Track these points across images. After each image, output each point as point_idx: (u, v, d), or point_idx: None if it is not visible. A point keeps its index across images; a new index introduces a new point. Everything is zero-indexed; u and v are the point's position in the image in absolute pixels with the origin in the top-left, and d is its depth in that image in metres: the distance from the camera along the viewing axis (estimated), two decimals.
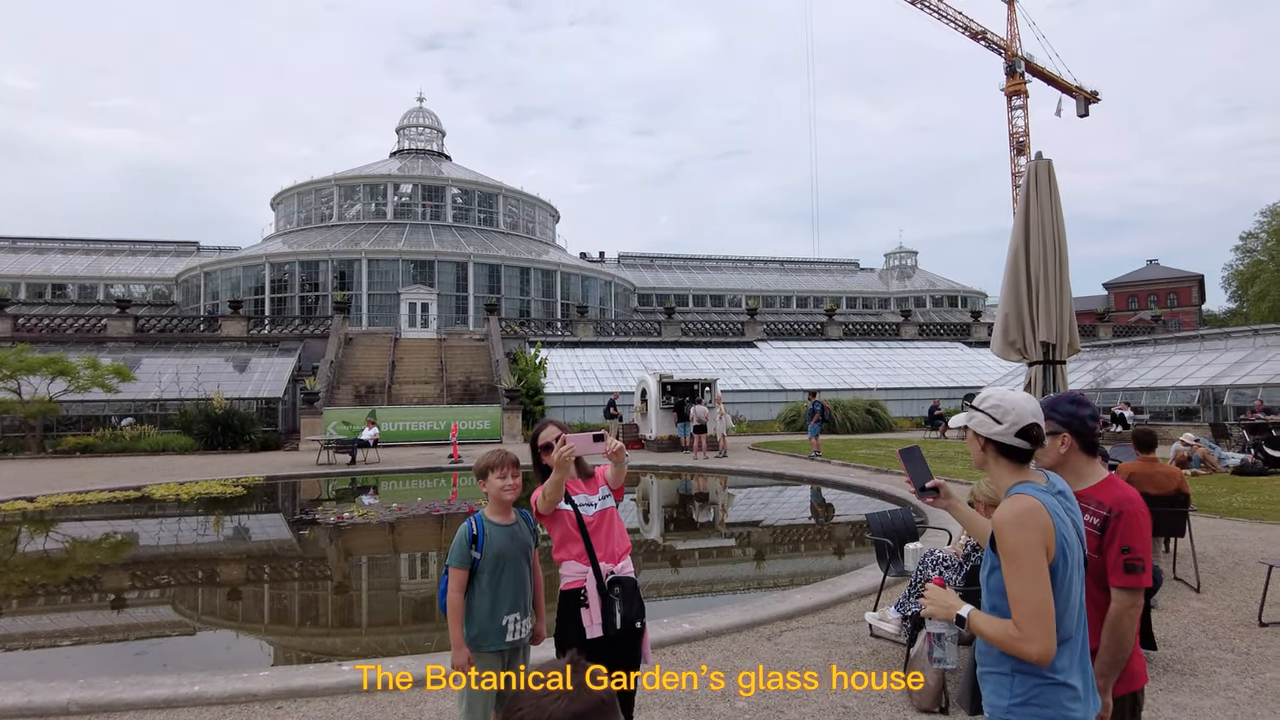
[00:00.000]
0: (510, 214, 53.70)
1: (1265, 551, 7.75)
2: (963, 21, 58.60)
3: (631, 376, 31.94)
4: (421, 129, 56.91)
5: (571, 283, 50.33)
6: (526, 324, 40.89)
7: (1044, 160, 6.23)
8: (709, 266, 66.76)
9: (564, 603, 3.34)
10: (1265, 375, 22.95)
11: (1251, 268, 59.57)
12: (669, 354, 37.92)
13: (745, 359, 38.37)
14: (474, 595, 3.30)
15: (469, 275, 45.76)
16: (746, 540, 11.59)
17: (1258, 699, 4.58)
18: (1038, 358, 5.91)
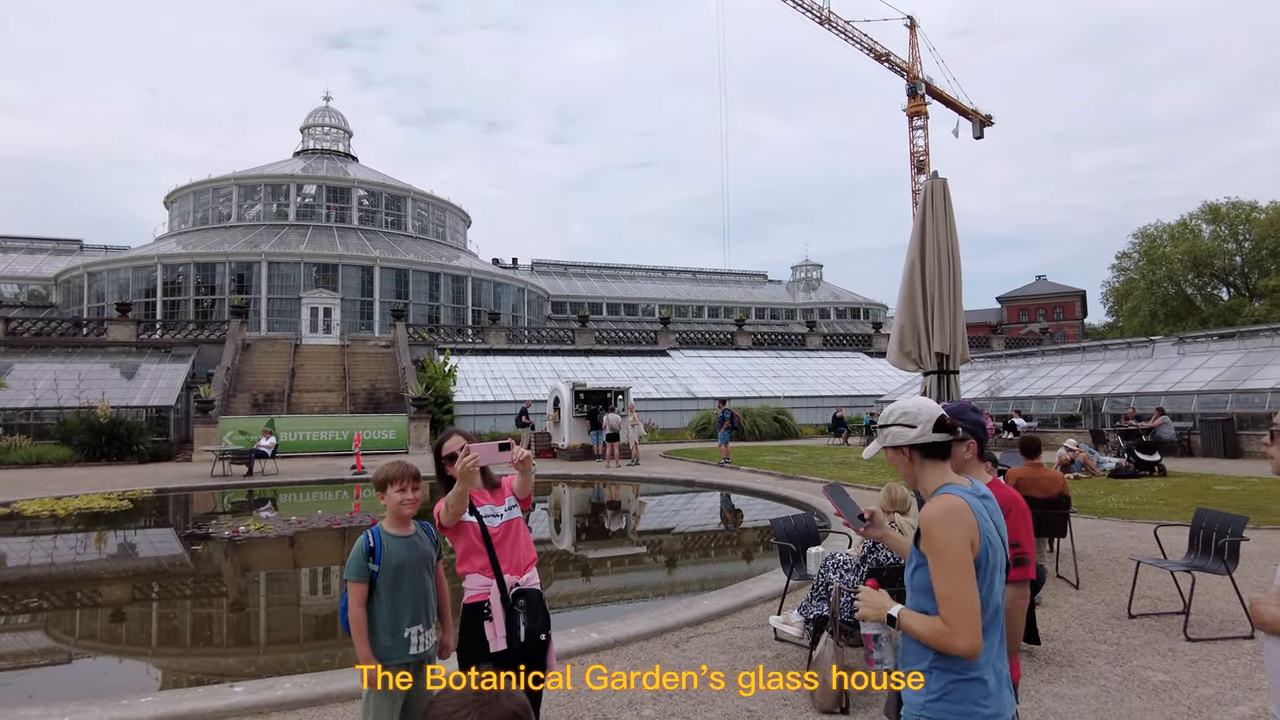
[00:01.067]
0: (419, 218, 52.62)
1: (1135, 549, 8.30)
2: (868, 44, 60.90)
3: (544, 385, 31.75)
4: (327, 129, 55.18)
5: (483, 289, 49.67)
6: (435, 330, 40.12)
7: (940, 179, 6.54)
8: (623, 275, 67.12)
9: (467, 616, 3.28)
10: (1137, 385, 24.65)
11: (1126, 285, 63.86)
12: (583, 362, 37.87)
13: (658, 367, 38.69)
14: (375, 608, 3.21)
15: (375, 280, 44.58)
16: (658, 548, 11.66)
17: (1125, 685, 4.91)
18: (932, 367, 6.19)
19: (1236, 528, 6.08)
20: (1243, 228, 59.29)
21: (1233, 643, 5.68)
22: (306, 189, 49.42)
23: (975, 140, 63.71)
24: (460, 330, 41.27)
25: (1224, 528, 6.15)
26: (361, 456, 22.20)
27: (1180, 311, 58.93)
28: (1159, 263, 60.32)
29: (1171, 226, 62.13)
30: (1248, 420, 21.01)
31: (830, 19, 59.88)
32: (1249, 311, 52.24)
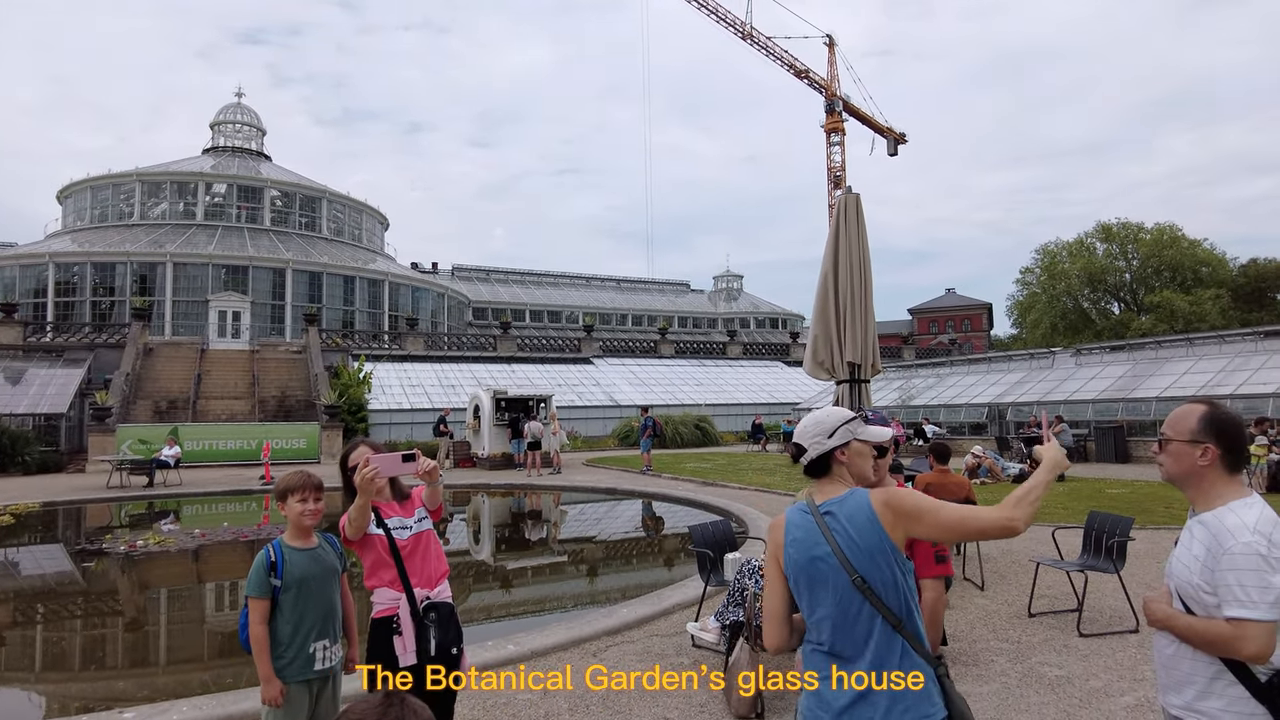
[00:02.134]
0: (335, 219, 51.20)
1: (1035, 551, 8.69)
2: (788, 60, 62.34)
3: (464, 392, 31.26)
4: (239, 126, 53.17)
5: (401, 293, 48.64)
6: (350, 336, 39.05)
7: (853, 194, 6.74)
8: (546, 282, 66.80)
9: (375, 631, 3.19)
10: (1038, 394, 25.89)
11: (1029, 299, 67.10)
12: (504, 369, 37.46)
13: (582, 375, 38.59)
14: (277, 624, 3.09)
15: (287, 283, 43.13)
16: (578, 557, 11.60)
17: (1025, 681, 5.13)
18: (844, 377, 6.37)
19: (1124, 529, 6.44)
20: (1131, 247, 63.11)
21: (1120, 637, 6.01)
22: (216, 188, 47.45)
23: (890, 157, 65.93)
24: (376, 336, 40.27)
25: (1113, 529, 6.51)
26: (271, 466, 21.39)
27: (1078, 324, 62.23)
28: (1059, 278, 63.60)
29: (1070, 244, 65.62)
30: (1136, 427, 22.33)
31: (752, 34, 61.08)
32: (1137, 325, 55.57)
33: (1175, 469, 2.32)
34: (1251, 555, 2.07)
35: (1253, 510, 2.19)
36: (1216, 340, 24.96)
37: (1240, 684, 2.11)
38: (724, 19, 60.89)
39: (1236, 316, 52.77)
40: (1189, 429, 2.29)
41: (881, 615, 2.14)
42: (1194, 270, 60.29)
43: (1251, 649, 2.05)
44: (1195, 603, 2.19)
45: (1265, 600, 2.04)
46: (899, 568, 2.16)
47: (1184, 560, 2.25)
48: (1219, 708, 2.13)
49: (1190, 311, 52.85)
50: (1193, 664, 2.19)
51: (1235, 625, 2.07)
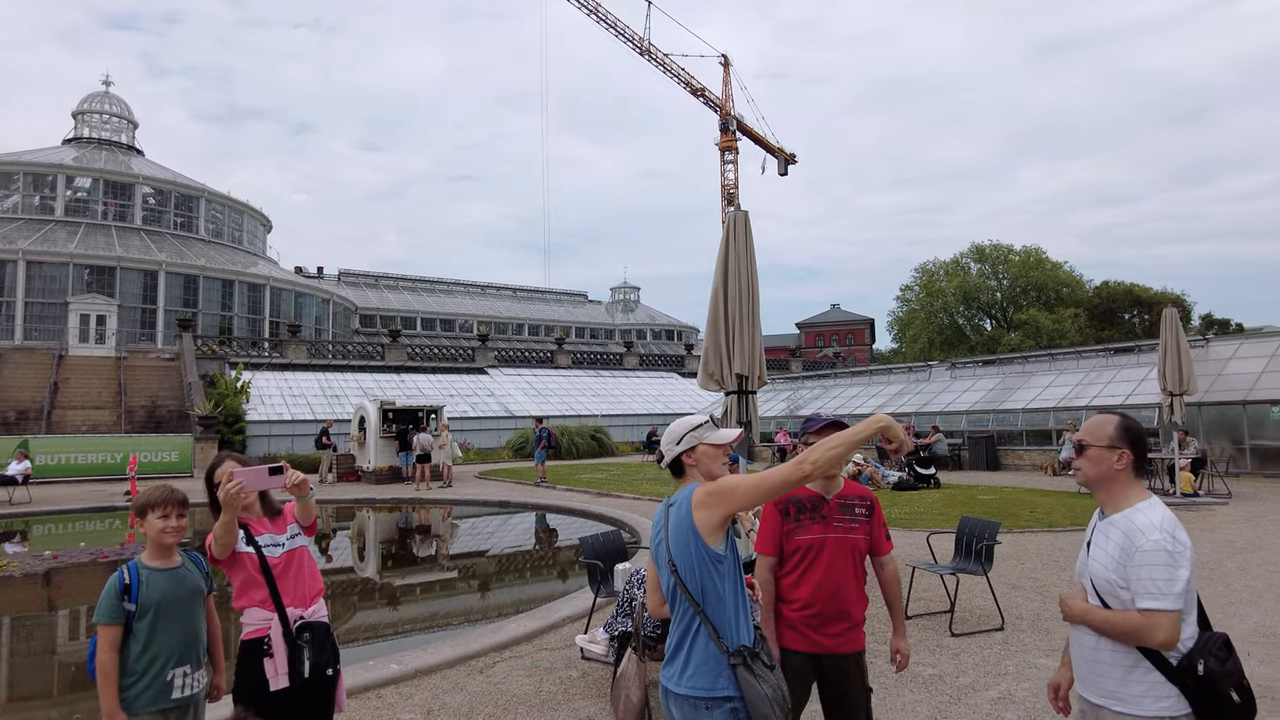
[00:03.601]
0: (214, 220, 48.55)
1: (913, 555, 9.09)
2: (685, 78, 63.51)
3: (349, 403, 30.16)
4: (107, 116, 49.68)
5: (283, 299, 46.55)
6: (228, 343, 37.04)
7: (741, 211, 6.90)
8: (439, 289, 65.36)
9: (244, 653, 3.01)
10: (916, 405, 27.23)
11: (908, 315, 70.57)
12: (393, 379, 36.38)
13: (475, 385, 37.92)
14: (131, 651, 2.84)
15: (160, 285, 40.54)
16: (469, 572, 11.36)
17: (901, 681, 5.35)
18: (733, 388, 6.50)
19: (991, 533, 6.83)
20: (1002, 267, 67.43)
21: (987, 635, 6.36)
22: (79, 182, 44.10)
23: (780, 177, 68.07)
24: (257, 343, 38.35)
25: (982, 533, 6.89)
26: (138, 481, 19.97)
27: (953, 340, 65.86)
28: (936, 296, 67.27)
29: (946, 263, 69.52)
30: (1005, 436, 23.81)
31: (650, 50, 61.95)
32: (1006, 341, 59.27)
33: (1093, 472, 2.51)
34: (1160, 551, 2.28)
35: (1156, 510, 2.39)
36: (1075, 356, 26.93)
37: (1156, 670, 2.30)
38: (623, 33, 61.56)
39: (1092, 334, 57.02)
40: (1107, 436, 2.49)
41: (685, 596, 2.41)
42: (1056, 290, 64.97)
43: (1161, 636, 2.25)
44: (1112, 598, 2.38)
45: (1173, 591, 2.25)
46: (704, 554, 2.39)
47: (1100, 560, 2.44)
48: (1139, 692, 2.32)
49: (1053, 329, 56.82)
50: (1113, 654, 2.38)
51: (1147, 616, 2.26)
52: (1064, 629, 6.47)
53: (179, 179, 47.61)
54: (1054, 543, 10.54)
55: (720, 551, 2.42)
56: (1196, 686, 2.26)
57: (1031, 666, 5.55)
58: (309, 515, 3.24)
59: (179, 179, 47.61)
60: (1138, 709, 2.32)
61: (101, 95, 50.02)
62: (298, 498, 3.17)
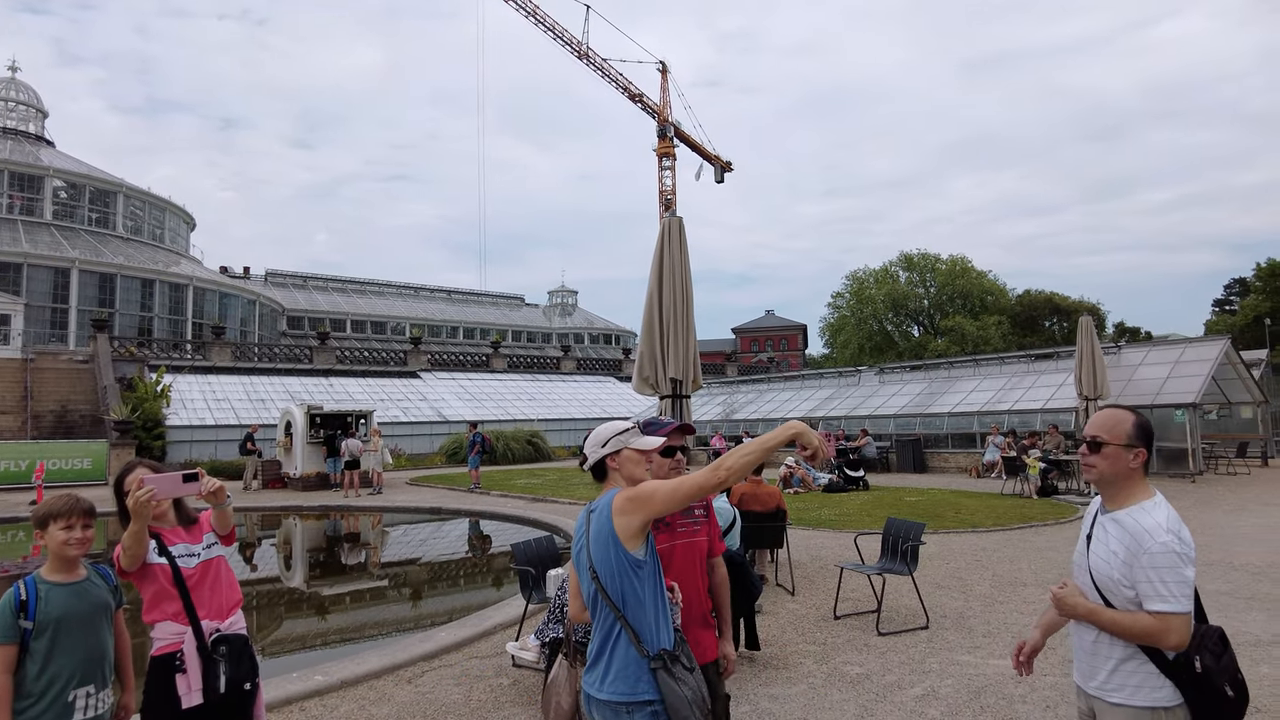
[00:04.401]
0: (133, 216, 46.57)
1: (842, 556, 9.29)
2: (623, 83, 63.64)
3: (276, 407, 29.27)
4: (13, 104, 47.20)
5: (207, 299, 44.92)
6: (148, 345, 35.51)
7: (676, 218, 6.97)
8: (371, 291, 63.97)
9: (155, 670, 2.88)
10: (846, 409, 27.83)
11: (839, 321, 72.25)
12: (322, 383, 35.46)
13: (407, 389, 37.22)
14: (29, 672, 2.68)
15: (72, 284, 38.67)
16: (399, 580, 11.12)
17: (829, 680, 5.45)
18: (668, 392, 6.54)
19: (916, 534, 7.01)
20: (929, 275, 69.59)
21: (912, 634, 6.52)
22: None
23: (717, 184, 68.76)
24: (178, 345, 36.87)
25: (907, 534, 7.07)
26: (45, 490, 18.96)
27: (883, 345, 67.62)
28: (866, 303, 69.04)
29: (876, 271, 71.40)
30: (931, 439, 24.52)
31: (589, 55, 61.91)
32: (933, 347, 61.13)
33: (1110, 470, 2.49)
34: (1169, 554, 2.28)
35: (1161, 510, 2.41)
36: (998, 361, 27.92)
37: (1151, 663, 2.35)
38: (561, 36, 61.38)
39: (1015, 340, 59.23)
40: (1125, 434, 2.48)
41: (605, 601, 2.42)
42: (981, 298, 67.35)
43: (1175, 639, 2.27)
44: (1114, 596, 2.39)
45: (1183, 594, 2.27)
46: (624, 559, 2.41)
47: (1103, 556, 2.44)
48: (1135, 683, 2.36)
49: (978, 335, 58.84)
50: (1110, 647, 2.41)
51: (1160, 619, 2.27)
52: (985, 627, 6.67)
53: (95, 172, 45.50)
54: (978, 543, 10.88)
55: (640, 557, 2.44)
56: (1193, 682, 2.29)
57: (954, 664, 5.71)
58: (227, 524, 3.12)
59: (95, 172, 45.50)
60: (1132, 699, 2.36)
61: (7, 81, 47.52)
62: (214, 505, 3.05)
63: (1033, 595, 7.68)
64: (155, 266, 42.67)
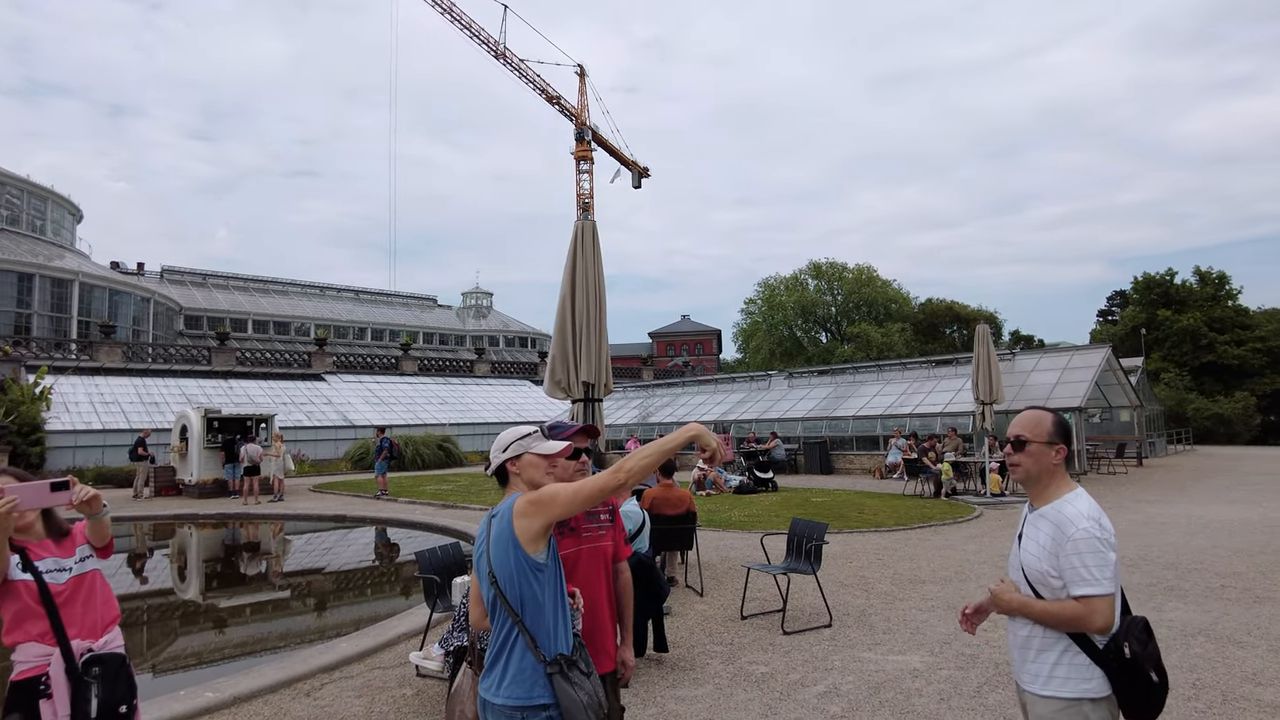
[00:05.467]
0: (10, 206, 43.45)
1: (750, 556, 9.45)
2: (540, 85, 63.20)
3: (171, 410, 27.84)
4: None
5: (95, 296, 42.28)
6: (26, 344, 33.19)
7: (589, 221, 6.96)
8: (274, 290, 61.47)
9: (15, 696, 2.68)
10: (757, 412, 28.38)
11: (751, 327, 73.76)
12: (221, 385, 33.92)
13: (312, 393, 35.95)
14: None
15: None
16: (301, 591, 10.72)
17: (735, 680, 5.53)
18: (580, 396, 6.52)
19: (820, 534, 7.20)
20: (837, 284, 71.77)
21: (816, 632, 6.69)
22: None
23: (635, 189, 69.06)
24: (62, 345, 34.57)
25: (811, 534, 7.25)
26: None
27: (792, 351, 69.29)
28: (777, 309, 70.74)
29: (787, 279, 73.19)
30: (837, 442, 25.26)
31: (505, 55, 61.25)
32: (840, 353, 63.01)
33: (1034, 467, 2.59)
34: (1090, 539, 2.38)
35: (1083, 500, 2.51)
36: (900, 367, 28.98)
37: (1083, 654, 2.42)
38: (477, 35, 60.57)
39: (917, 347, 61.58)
40: (1047, 431, 2.59)
41: (504, 606, 2.41)
42: (885, 306, 69.87)
43: (1100, 621, 2.36)
44: (1043, 587, 2.48)
45: (1106, 577, 2.36)
46: (525, 562, 2.40)
47: (1034, 551, 2.52)
48: (1063, 675, 2.43)
49: (882, 342, 60.94)
50: (1043, 640, 2.48)
51: (1085, 602, 2.36)
52: (885, 624, 6.88)
53: None
54: (880, 542, 11.25)
55: (541, 560, 2.43)
56: (1120, 668, 2.38)
57: (856, 660, 5.89)
58: (103, 535, 2.94)
59: None
60: (1062, 690, 2.43)
61: None
62: (88, 516, 2.86)
63: (931, 592, 7.99)
64: (35, 260, 39.91)
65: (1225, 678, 5.28)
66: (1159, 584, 8.11)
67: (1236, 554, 9.59)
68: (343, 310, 62.22)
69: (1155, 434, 30.10)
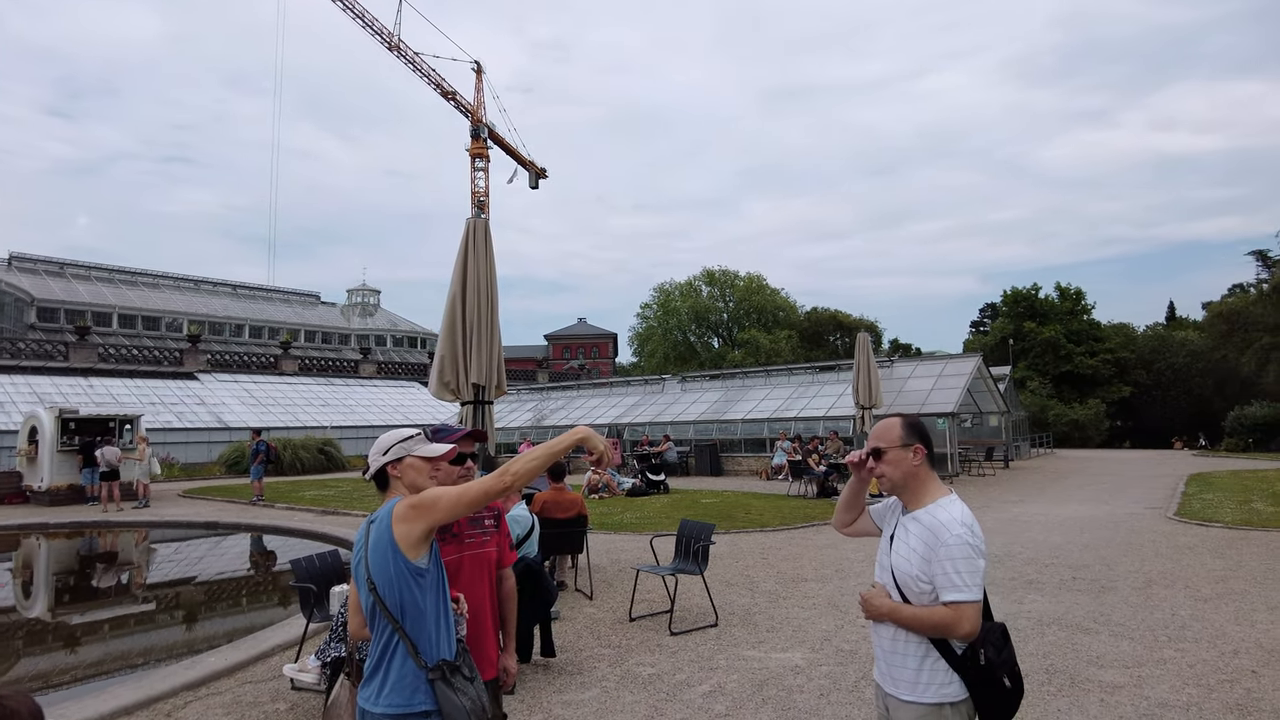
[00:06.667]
0: None
1: (639, 558, 9.52)
2: (436, 79, 61.70)
3: (19, 410, 25.64)
4: None
5: None
6: None
7: (482, 219, 6.85)
8: (143, 282, 57.52)
9: None
10: (650, 415, 28.67)
11: (647, 331, 74.61)
12: (80, 384, 31.48)
13: (182, 392, 33.88)
14: None
15: None
16: (168, 604, 10.06)
17: (621, 683, 5.55)
18: (469, 398, 6.40)
19: (707, 534, 7.33)
20: (729, 291, 73.56)
21: (702, 632, 6.80)
22: None
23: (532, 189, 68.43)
24: None
25: (699, 535, 7.37)
26: None
27: (686, 355, 70.44)
28: (672, 314, 71.90)
29: (681, 285, 74.46)
30: (727, 444, 25.82)
31: (399, 47, 59.51)
32: (731, 358, 64.39)
33: (897, 474, 2.57)
34: (963, 545, 2.38)
35: (956, 506, 2.51)
36: (787, 372, 29.91)
37: (943, 659, 2.42)
38: (370, 25, 58.61)
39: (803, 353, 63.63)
40: (898, 436, 2.57)
41: (384, 613, 2.34)
42: (774, 314, 72.06)
43: (967, 627, 2.37)
44: (912, 592, 2.46)
45: (975, 583, 2.37)
46: (405, 568, 2.34)
47: (904, 555, 2.51)
48: (925, 680, 2.44)
49: (770, 348, 62.69)
50: (906, 645, 2.48)
51: (954, 608, 2.36)
52: (769, 622, 7.07)
53: None
54: (766, 541, 11.55)
55: (423, 565, 2.37)
56: (976, 674, 2.41)
57: (740, 659, 6.01)
58: None
59: None
60: (923, 696, 2.44)
61: None
62: None
63: (813, 590, 8.27)
64: None
65: (1073, 662, 5.70)
66: (1020, 578, 8.67)
67: (1085, 549, 10.37)
68: (219, 305, 58.85)
69: (1020, 438, 32.20)
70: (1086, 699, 4.99)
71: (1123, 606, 7.26)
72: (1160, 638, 6.27)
